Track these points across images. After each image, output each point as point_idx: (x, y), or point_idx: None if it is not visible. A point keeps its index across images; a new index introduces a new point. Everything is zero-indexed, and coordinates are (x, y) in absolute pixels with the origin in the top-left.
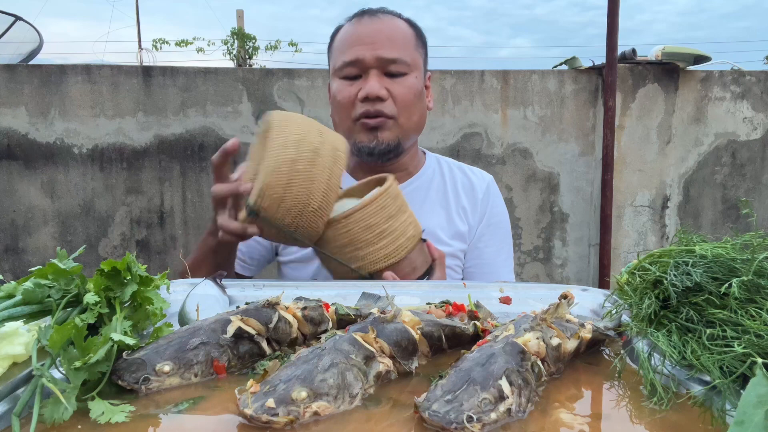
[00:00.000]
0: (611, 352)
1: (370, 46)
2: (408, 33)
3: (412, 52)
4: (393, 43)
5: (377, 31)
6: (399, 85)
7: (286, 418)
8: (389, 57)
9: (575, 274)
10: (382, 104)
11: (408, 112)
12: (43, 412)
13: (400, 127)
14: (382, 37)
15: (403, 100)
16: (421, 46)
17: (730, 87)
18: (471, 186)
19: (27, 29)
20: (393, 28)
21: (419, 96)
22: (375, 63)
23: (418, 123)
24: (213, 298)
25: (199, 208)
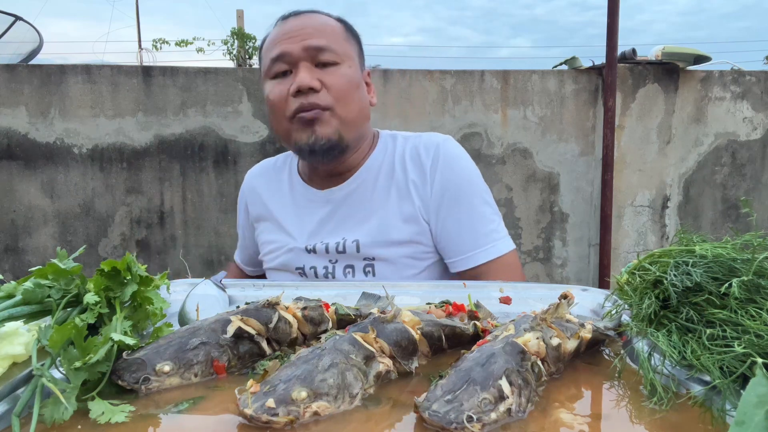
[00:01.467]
0: (611, 352)
1: (296, 38)
2: (336, 26)
3: (342, 43)
4: (320, 32)
5: (302, 25)
6: (331, 74)
7: (286, 418)
8: (316, 45)
9: (575, 274)
10: (316, 95)
11: (345, 101)
12: (43, 412)
13: (338, 118)
14: (308, 29)
15: (337, 89)
16: (353, 39)
17: (730, 87)
18: (417, 154)
19: (27, 29)
20: (319, 21)
21: (356, 85)
22: (303, 54)
23: (359, 114)
24: (213, 298)
25: (199, 208)
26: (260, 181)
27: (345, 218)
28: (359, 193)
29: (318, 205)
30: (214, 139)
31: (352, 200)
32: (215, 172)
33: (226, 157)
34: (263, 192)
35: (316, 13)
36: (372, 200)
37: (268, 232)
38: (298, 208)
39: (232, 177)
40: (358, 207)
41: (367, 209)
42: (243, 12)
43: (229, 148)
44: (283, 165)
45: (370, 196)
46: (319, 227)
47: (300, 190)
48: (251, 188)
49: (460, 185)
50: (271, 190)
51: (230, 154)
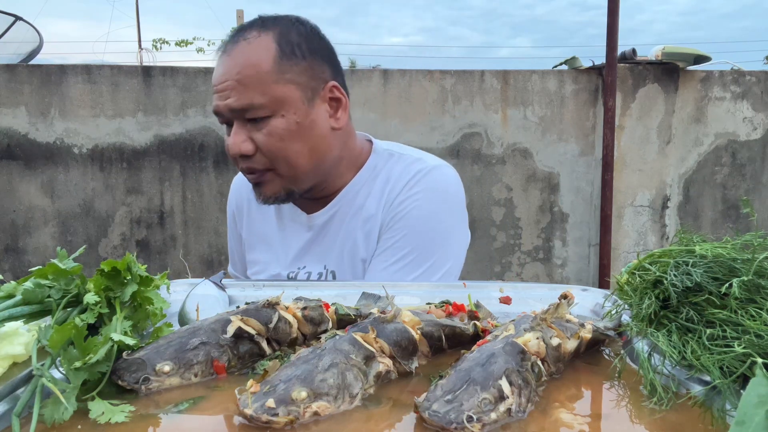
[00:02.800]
0: (611, 352)
1: (222, 95)
2: (266, 63)
3: (271, 87)
4: (242, 86)
5: (226, 73)
6: (261, 132)
7: (286, 418)
8: (237, 106)
9: (575, 274)
10: (250, 160)
11: (282, 158)
12: (43, 412)
13: (281, 176)
14: (231, 82)
15: (270, 150)
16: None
17: (730, 87)
18: (387, 182)
19: (27, 29)
20: (243, 65)
21: (294, 134)
22: (230, 113)
23: (308, 161)
24: (213, 298)
25: (199, 208)
26: (247, 194)
27: (327, 245)
28: (339, 218)
29: (303, 228)
30: (214, 139)
31: (332, 226)
32: (215, 172)
33: (226, 157)
34: (250, 207)
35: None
36: (352, 229)
37: (255, 250)
38: (283, 229)
39: (232, 177)
40: (339, 234)
41: (348, 238)
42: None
43: None
44: None
45: (350, 223)
46: (302, 252)
47: (285, 209)
48: (238, 200)
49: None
50: (257, 205)
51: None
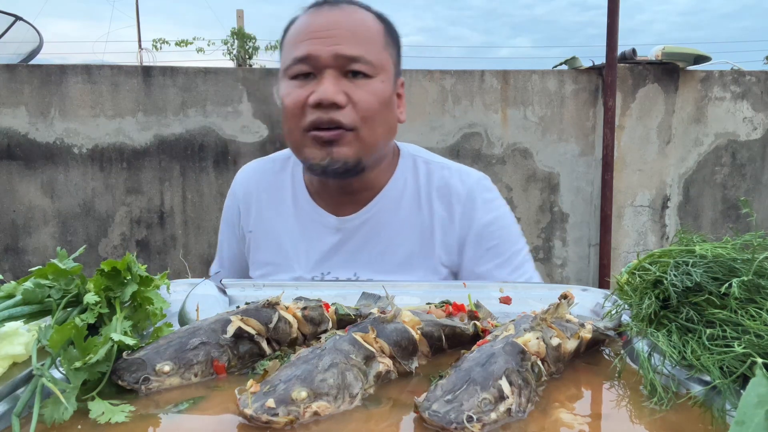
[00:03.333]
0: (611, 352)
1: (327, 40)
2: (376, 28)
3: (380, 51)
4: (355, 37)
5: (336, 22)
6: (361, 89)
7: (286, 418)
8: (349, 54)
9: (575, 274)
10: (339, 112)
11: (371, 122)
12: (43, 412)
13: (361, 141)
14: (342, 31)
15: (365, 108)
16: (392, 45)
17: (730, 87)
18: (449, 194)
19: (27, 29)
20: (357, 21)
21: (386, 104)
22: (332, 61)
23: (385, 137)
24: (213, 298)
25: (199, 208)
26: (256, 187)
27: (358, 250)
28: (376, 222)
29: (328, 231)
30: (214, 139)
31: (367, 230)
32: (215, 172)
33: (226, 157)
34: (261, 200)
35: (355, 5)
36: (390, 236)
37: (264, 251)
38: (303, 230)
39: (232, 177)
40: (374, 240)
41: (384, 244)
42: (243, 12)
43: (229, 148)
44: (283, 169)
45: (388, 229)
46: (327, 256)
47: (306, 208)
48: (246, 193)
49: (496, 233)
50: (270, 200)
51: (230, 154)
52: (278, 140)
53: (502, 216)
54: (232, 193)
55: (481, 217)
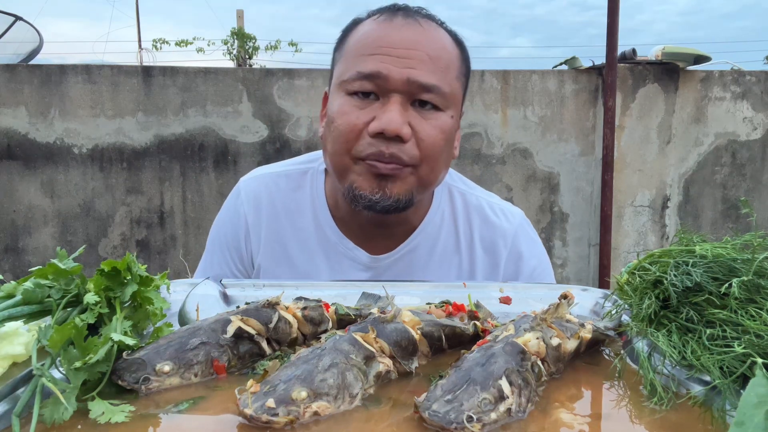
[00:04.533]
0: (611, 352)
1: (402, 61)
2: (453, 55)
3: (453, 81)
4: (433, 63)
5: (415, 42)
6: (428, 122)
7: (286, 418)
8: (425, 82)
9: (575, 274)
10: (400, 146)
11: (433, 160)
12: (43, 412)
13: (419, 178)
14: (420, 53)
15: (430, 145)
16: (464, 75)
17: (730, 87)
18: (491, 239)
19: (27, 29)
20: (436, 43)
21: (450, 140)
22: (403, 85)
23: (442, 174)
24: (213, 298)
25: (199, 208)
26: (268, 210)
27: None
28: (410, 261)
29: (358, 268)
30: (214, 139)
31: (400, 269)
32: (215, 172)
33: (226, 157)
34: (275, 226)
35: (433, 22)
36: (424, 275)
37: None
38: (330, 263)
39: (232, 177)
40: (406, 277)
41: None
42: (243, 12)
43: (229, 148)
44: (299, 188)
45: (424, 270)
46: None
47: (333, 239)
48: (256, 216)
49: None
50: (287, 226)
51: (230, 154)
52: (278, 140)
53: (543, 260)
54: (233, 213)
55: (527, 262)
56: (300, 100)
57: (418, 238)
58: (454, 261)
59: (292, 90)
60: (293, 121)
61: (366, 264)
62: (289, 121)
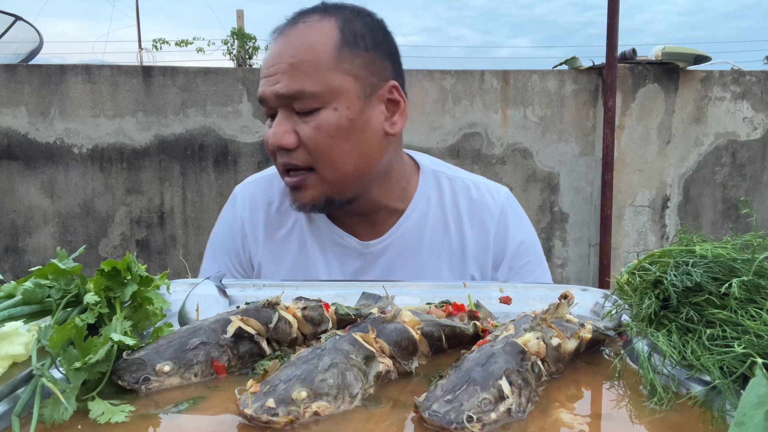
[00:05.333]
0: (611, 352)
1: (270, 79)
2: (326, 46)
3: (327, 73)
4: (294, 69)
5: (279, 55)
6: (309, 125)
7: (286, 418)
8: (286, 92)
9: (575, 274)
10: (291, 155)
11: (328, 158)
12: (43, 412)
13: (323, 180)
14: (282, 65)
15: (314, 146)
16: (356, 56)
17: (730, 87)
18: (479, 216)
19: (27, 29)
20: (300, 47)
21: (345, 131)
22: (276, 101)
23: (354, 167)
24: (213, 298)
25: (199, 208)
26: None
27: (382, 275)
28: (400, 247)
29: (351, 255)
30: (214, 139)
31: (391, 255)
32: (215, 172)
33: (226, 157)
34: (271, 223)
35: (315, 17)
36: (416, 261)
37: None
38: (323, 252)
39: (232, 177)
40: (399, 266)
41: (410, 269)
42: (243, 12)
43: (229, 148)
44: None
45: (414, 254)
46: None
47: (325, 229)
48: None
49: (528, 251)
50: (282, 222)
51: (230, 154)
52: None
53: (530, 234)
54: (230, 219)
55: (515, 235)
56: None
57: (406, 222)
58: (444, 243)
59: None
60: None
61: (358, 250)
62: None
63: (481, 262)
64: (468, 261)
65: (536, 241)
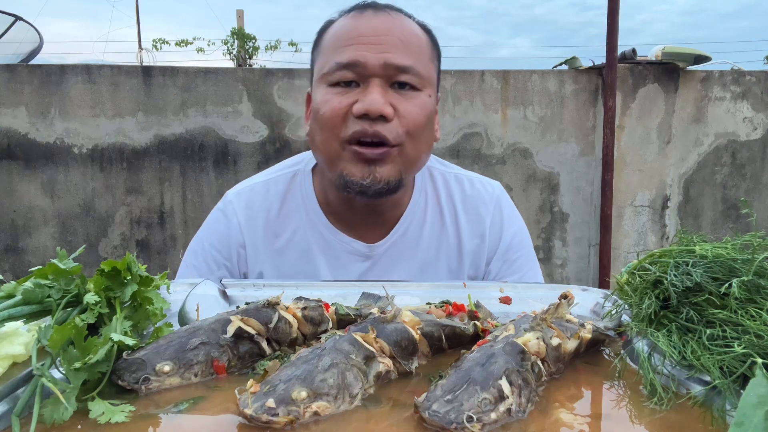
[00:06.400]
0: (611, 352)
1: (377, 47)
2: (423, 39)
3: (427, 63)
4: (406, 46)
5: (386, 29)
6: (409, 101)
7: (286, 418)
8: (400, 63)
9: (575, 274)
10: (384, 126)
11: (417, 138)
12: (43, 412)
13: (405, 157)
14: (393, 38)
15: (413, 122)
16: (436, 59)
17: (730, 87)
18: (474, 208)
19: (27, 29)
20: (406, 29)
21: (431, 119)
22: (381, 69)
23: (426, 154)
24: (213, 298)
25: (199, 208)
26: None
27: (382, 273)
28: (403, 244)
29: (359, 258)
30: (214, 139)
31: (395, 253)
32: (215, 172)
33: (226, 157)
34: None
35: (401, 13)
36: (418, 256)
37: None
38: (327, 260)
39: (232, 177)
40: (401, 263)
41: (411, 265)
42: (243, 12)
43: (229, 148)
44: (288, 191)
45: (416, 250)
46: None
47: (328, 236)
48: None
49: (520, 244)
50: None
51: (230, 154)
52: (278, 140)
53: (522, 227)
54: (224, 226)
55: (508, 229)
56: (300, 100)
57: (407, 221)
58: (442, 238)
59: (292, 90)
60: (293, 121)
61: (364, 254)
62: (289, 121)
63: (478, 253)
64: (464, 254)
65: (527, 233)
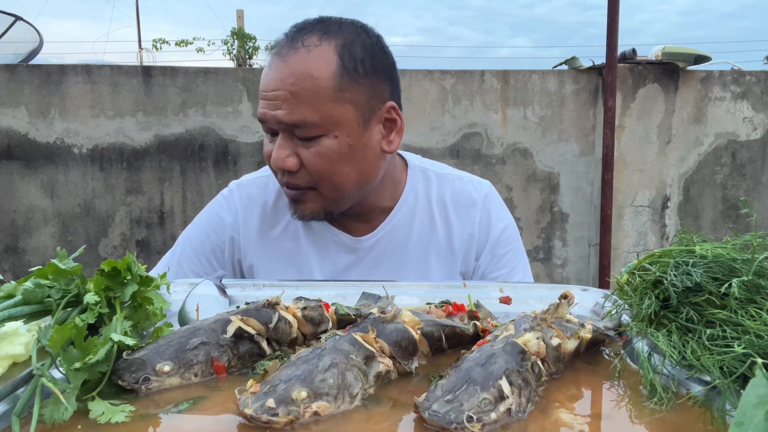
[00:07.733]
0: (611, 352)
1: (272, 104)
2: (326, 75)
3: (328, 103)
4: (296, 98)
5: (280, 81)
6: (310, 151)
7: (286, 418)
8: (288, 121)
9: (575, 274)
10: (293, 176)
11: (329, 180)
12: (43, 412)
13: (325, 195)
14: (283, 92)
15: (317, 170)
16: (356, 83)
17: (730, 87)
18: (464, 206)
19: (27, 29)
20: (300, 75)
21: (344, 157)
22: (278, 125)
23: (353, 185)
24: (213, 298)
25: (199, 208)
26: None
27: (370, 269)
28: (391, 240)
29: (345, 251)
30: (214, 139)
31: (382, 248)
32: (215, 172)
33: (226, 157)
34: (269, 223)
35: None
36: (406, 253)
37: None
38: (317, 249)
39: (232, 177)
40: (389, 258)
41: (399, 261)
42: (243, 12)
43: (229, 148)
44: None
45: (404, 246)
46: (341, 274)
47: (317, 227)
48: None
49: (509, 239)
50: (279, 221)
51: (230, 154)
52: None
53: (511, 223)
54: (224, 213)
55: (496, 225)
56: None
57: (395, 218)
58: (432, 235)
59: None
60: None
61: (350, 246)
62: None
63: (467, 251)
64: (455, 251)
65: (516, 230)
